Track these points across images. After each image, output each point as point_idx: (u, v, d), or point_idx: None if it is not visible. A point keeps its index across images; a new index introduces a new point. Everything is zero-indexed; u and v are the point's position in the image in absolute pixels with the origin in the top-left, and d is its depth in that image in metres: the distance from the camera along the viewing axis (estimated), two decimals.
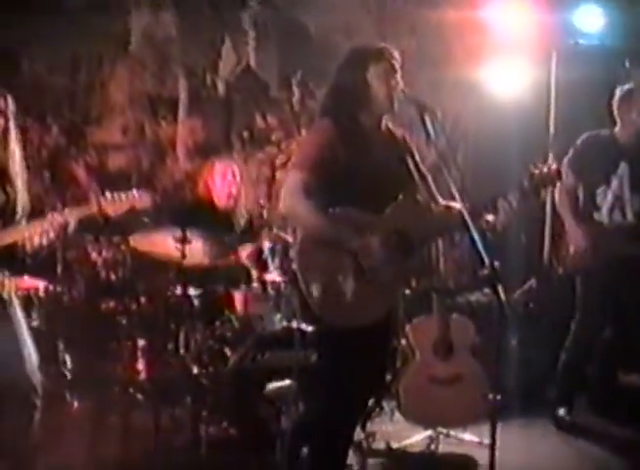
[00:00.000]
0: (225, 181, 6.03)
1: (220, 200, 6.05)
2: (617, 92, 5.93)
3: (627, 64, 7.06)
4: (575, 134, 6.05)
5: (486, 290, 6.63)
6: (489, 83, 7.32)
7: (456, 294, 6.22)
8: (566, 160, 5.89)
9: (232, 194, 6.07)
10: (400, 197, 4.16)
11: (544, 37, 7.02)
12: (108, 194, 4.11)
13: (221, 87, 7.01)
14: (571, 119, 6.40)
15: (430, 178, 4.34)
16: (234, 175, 6.05)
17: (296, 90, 7.19)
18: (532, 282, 6.94)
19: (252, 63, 7.07)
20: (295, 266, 4.05)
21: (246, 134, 6.97)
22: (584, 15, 7.10)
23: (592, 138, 5.97)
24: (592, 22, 7.09)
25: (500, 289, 3.64)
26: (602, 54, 7.02)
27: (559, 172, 4.15)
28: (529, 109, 7.21)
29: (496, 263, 3.69)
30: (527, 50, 7.10)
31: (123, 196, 4.15)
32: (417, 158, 4.33)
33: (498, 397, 3.99)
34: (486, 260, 3.65)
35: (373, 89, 4.15)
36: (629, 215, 5.85)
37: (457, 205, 3.86)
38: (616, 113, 5.91)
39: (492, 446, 3.88)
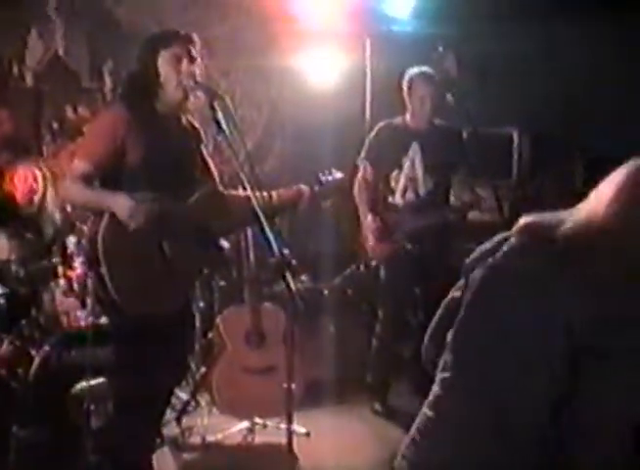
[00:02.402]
0: (27, 185, 5.83)
1: (23, 204, 5.85)
2: (404, 78, 6.00)
3: (440, 48, 7.16)
4: None
5: (303, 277, 6.68)
6: (305, 71, 7.31)
7: (269, 283, 6.18)
8: (362, 153, 5.96)
9: (33, 199, 5.86)
10: (204, 188, 4.13)
11: (357, 24, 7.06)
12: None
13: (29, 77, 6.76)
14: (388, 106, 6.43)
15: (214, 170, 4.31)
16: (35, 180, 5.85)
17: (107, 80, 7.00)
18: (352, 268, 6.98)
19: (61, 52, 6.84)
20: (98, 252, 3.95)
21: (56, 126, 6.75)
22: (395, 1, 7.17)
23: (384, 127, 6.05)
24: (402, 7, 7.17)
25: (289, 277, 3.64)
26: (415, 39, 7.09)
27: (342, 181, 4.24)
28: (346, 96, 7.25)
29: (286, 251, 3.69)
30: (341, 37, 7.12)
31: None
32: (204, 149, 4.30)
33: (293, 385, 3.99)
34: (275, 249, 3.65)
35: (162, 76, 4.08)
36: (422, 195, 5.93)
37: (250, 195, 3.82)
38: (405, 98, 5.99)
39: (289, 433, 3.91)
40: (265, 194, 3.91)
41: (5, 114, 6.38)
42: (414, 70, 5.96)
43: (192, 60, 4.10)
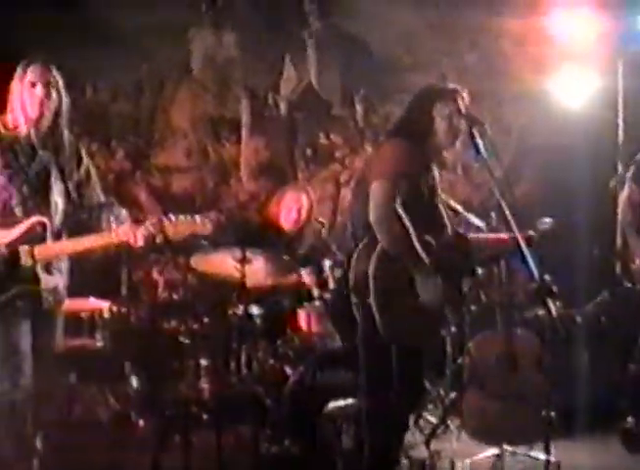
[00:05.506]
0: (294, 209, 6.01)
1: (287, 225, 6.04)
2: None
3: None
4: None
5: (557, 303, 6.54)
6: (555, 94, 7.22)
7: (522, 308, 6.10)
8: (629, 175, 5.77)
9: (299, 221, 6.04)
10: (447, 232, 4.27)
11: (609, 45, 6.90)
12: (171, 216, 4.07)
13: (283, 106, 7.06)
14: None
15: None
16: (301, 207, 6.02)
17: (358, 107, 7.19)
18: (605, 295, 6.78)
19: (314, 81, 7.10)
20: (370, 280, 4.07)
21: (309, 152, 7.00)
22: None
23: None
24: None
25: (550, 303, 3.61)
26: None
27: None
28: (597, 119, 7.10)
29: (547, 277, 3.66)
30: (593, 59, 6.99)
31: (184, 219, 4.09)
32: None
33: (552, 413, 3.92)
34: (536, 275, 3.63)
35: (436, 124, 4.32)
36: None
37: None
38: None
39: (547, 464, 3.84)
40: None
41: (261, 142, 6.66)
42: None
43: (460, 112, 4.30)
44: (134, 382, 5.88)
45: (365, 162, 6.15)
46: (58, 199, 4.13)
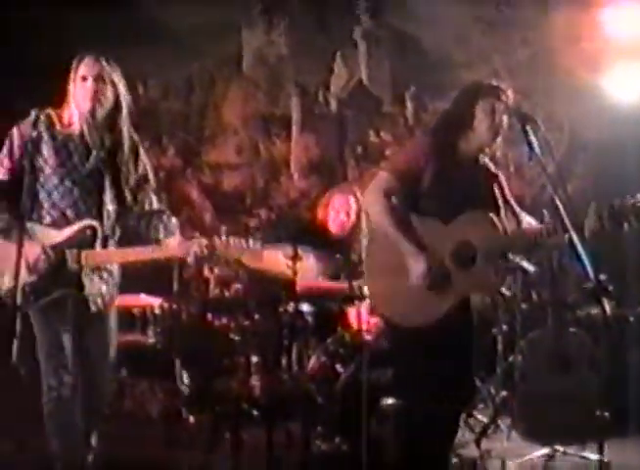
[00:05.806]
0: (343, 212, 5.99)
1: (334, 228, 6.02)
2: None
3: None
4: None
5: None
6: (607, 90, 7.15)
7: (574, 307, 6.05)
8: None
9: (348, 224, 6.01)
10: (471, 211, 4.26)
11: None
12: (223, 236, 4.04)
13: (333, 104, 7.08)
14: None
15: (514, 204, 4.44)
16: (349, 210, 5.99)
17: (409, 104, 7.18)
18: None
19: (364, 78, 7.11)
20: (362, 267, 4.35)
21: (359, 150, 7.00)
22: None
23: None
24: None
25: (605, 303, 3.58)
26: None
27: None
28: None
29: (602, 277, 3.63)
30: None
31: (237, 242, 4.06)
32: (505, 188, 4.46)
33: (606, 413, 3.89)
34: (591, 274, 3.59)
35: (477, 120, 4.33)
36: None
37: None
38: None
39: (599, 464, 3.81)
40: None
41: (311, 139, 6.67)
42: None
43: (510, 110, 4.29)
44: (185, 378, 5.91)
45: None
46: (110, 202, 4.08)
